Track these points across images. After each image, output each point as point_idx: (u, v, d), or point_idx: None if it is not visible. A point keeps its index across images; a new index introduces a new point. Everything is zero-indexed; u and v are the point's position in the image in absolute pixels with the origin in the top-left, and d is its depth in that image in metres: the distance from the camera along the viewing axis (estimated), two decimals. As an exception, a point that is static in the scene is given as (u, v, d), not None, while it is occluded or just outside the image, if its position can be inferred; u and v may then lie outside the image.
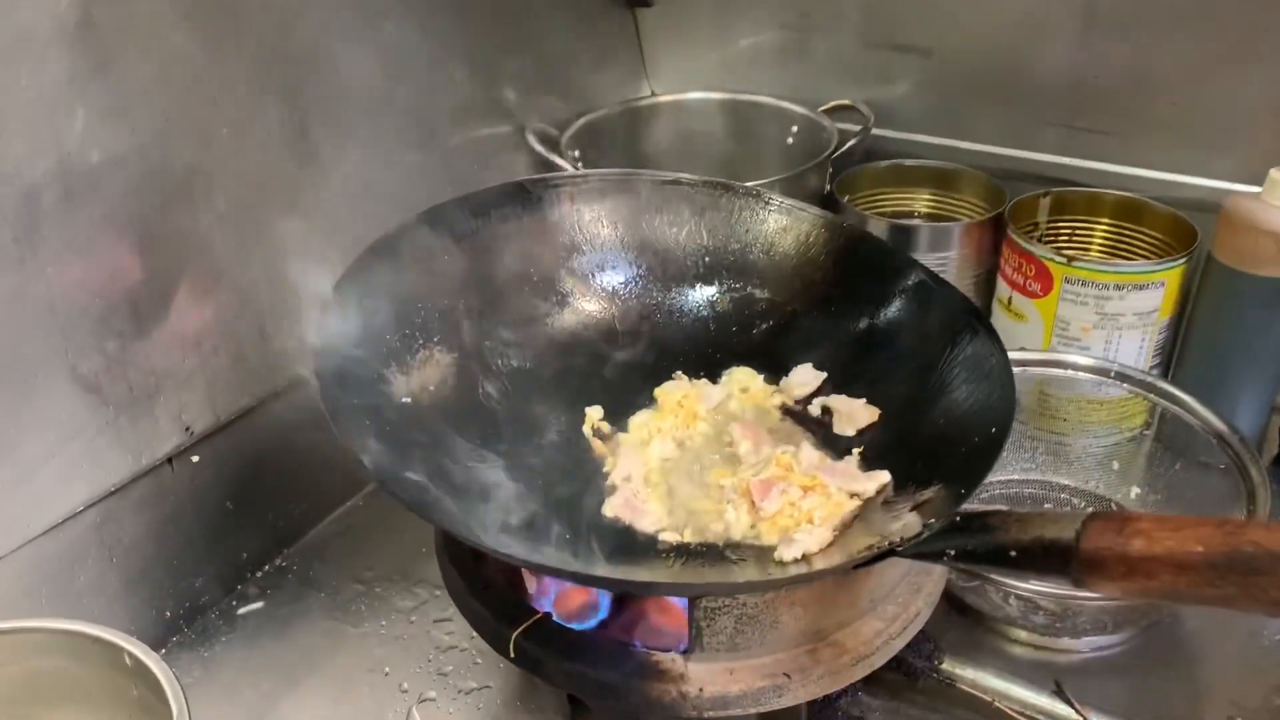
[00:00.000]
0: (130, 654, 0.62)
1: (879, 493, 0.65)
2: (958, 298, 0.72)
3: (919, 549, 0.54)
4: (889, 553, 0.54)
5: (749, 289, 0.80)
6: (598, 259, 0.80)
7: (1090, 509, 0.69)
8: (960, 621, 0.81)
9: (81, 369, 0.71)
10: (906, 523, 0.58)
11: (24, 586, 0.71)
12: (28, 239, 0.66)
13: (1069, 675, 0.71)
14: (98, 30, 0.67)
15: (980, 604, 0.79)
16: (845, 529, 0.63)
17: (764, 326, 0.79)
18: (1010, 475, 0.92)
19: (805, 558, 0.61)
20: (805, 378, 0.75)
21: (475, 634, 0.79)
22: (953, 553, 0.52)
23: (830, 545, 0.62)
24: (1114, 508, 0.89)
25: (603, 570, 0.60)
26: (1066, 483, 0.91)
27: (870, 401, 0.72)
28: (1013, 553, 0.50)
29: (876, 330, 0.75)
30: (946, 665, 0.72)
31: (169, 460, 0.79)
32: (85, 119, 0.68)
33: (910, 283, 0.74)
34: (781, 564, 0.61)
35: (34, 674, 0.63)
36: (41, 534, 0.72)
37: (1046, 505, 0.91)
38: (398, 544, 0.90)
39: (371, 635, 0.82)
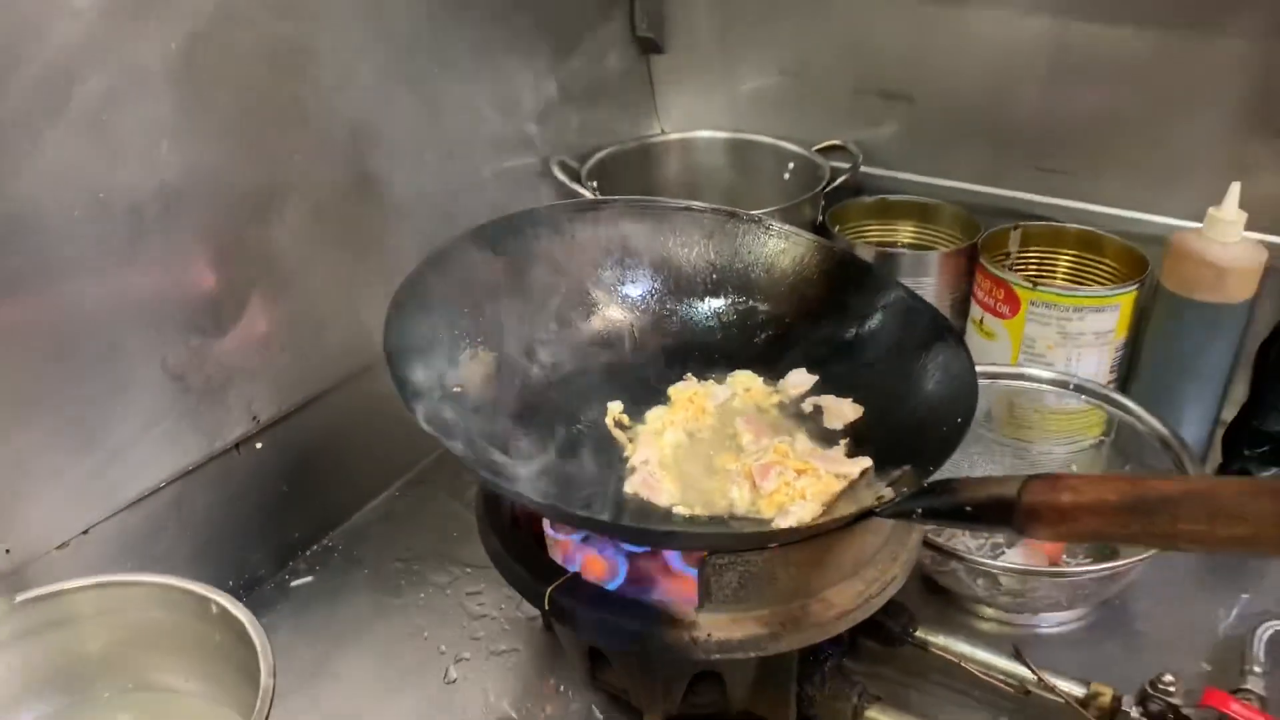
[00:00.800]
0: (216, 603, 0.71)
1: (862, 475, 0.74)
2: (931, 312, 0.81)
3: (894, 510, 0.64)
4: (870, 512, 0.64)
5: (751, 302, 0.88)
6: (619, 274, 0.88)
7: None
8: (934, 600, 0.90)
9: (170, 361, 0.81)
10: (883, 492, 0.68)
11: (111, 552, 0.80)
12: (133, 246, 0.76)
13: (1028, 646, 0.79)
14: (198, 69, 0.77)
15: (952, 584, 0.88)
16: (833, 504, 0.72)
17: (764, 335, 0.87)
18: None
19: (798, 527, 0.70)
20: (799, 379, 0.84)
21: (503, 604, 0.89)
22: (920, 511, 0.62)
23: (820, 517, 0.71)
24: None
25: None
26: (1031, 484, 1.01)
27: (855, 400, 0.81)
28: (968, 508, 0.60)
29: (861, 339, 0.84)
30: (920, 633, 0.81)
31: (237, 445, 0.88)
32: (183, 144, 0.77)
33: (891, 299, 0.83)
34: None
35: (136, 623, 0.72)
36: (127, 506, 0.81)
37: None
38: (432, 528, 0.99)
39: (411, 605, 0.91)
